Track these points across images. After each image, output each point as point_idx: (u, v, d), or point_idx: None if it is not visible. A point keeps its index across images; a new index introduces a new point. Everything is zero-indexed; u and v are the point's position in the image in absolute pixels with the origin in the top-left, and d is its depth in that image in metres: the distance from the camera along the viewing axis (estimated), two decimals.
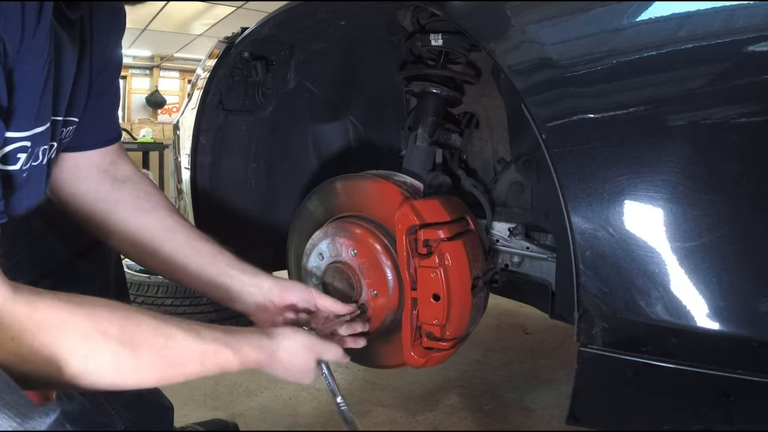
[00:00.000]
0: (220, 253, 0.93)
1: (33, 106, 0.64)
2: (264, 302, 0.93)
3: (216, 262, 0.92)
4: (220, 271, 0.92)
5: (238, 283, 0.93)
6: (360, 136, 1.64)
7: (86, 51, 0.80)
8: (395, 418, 1.53)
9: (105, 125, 0.92)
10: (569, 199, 0.77)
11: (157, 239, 0.91)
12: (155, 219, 0.92)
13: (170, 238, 0.92)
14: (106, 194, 0.91)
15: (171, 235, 0.92)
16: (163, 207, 0.95)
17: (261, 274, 0.95)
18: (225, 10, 6.31)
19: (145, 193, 0.94)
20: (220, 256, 0.93)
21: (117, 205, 0.91)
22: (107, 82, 0.89)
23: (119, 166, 0.94)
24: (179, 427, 1.33)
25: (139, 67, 9.92)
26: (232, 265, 0.93)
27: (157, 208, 0.94)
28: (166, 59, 9.61)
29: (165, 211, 0.94)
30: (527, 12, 0.82)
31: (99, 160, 0.91)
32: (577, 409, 0.80)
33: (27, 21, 0.57)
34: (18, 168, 0.66)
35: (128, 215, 0.91)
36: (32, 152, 0.67)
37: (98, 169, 0.91)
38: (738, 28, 0.69)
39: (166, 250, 0.91)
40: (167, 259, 0.91)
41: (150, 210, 0.93)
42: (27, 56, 0.59)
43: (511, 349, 2.06)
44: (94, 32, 0.81)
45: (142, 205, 0.93)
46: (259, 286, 0.93)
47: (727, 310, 0.71)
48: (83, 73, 0.80)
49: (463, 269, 1.02)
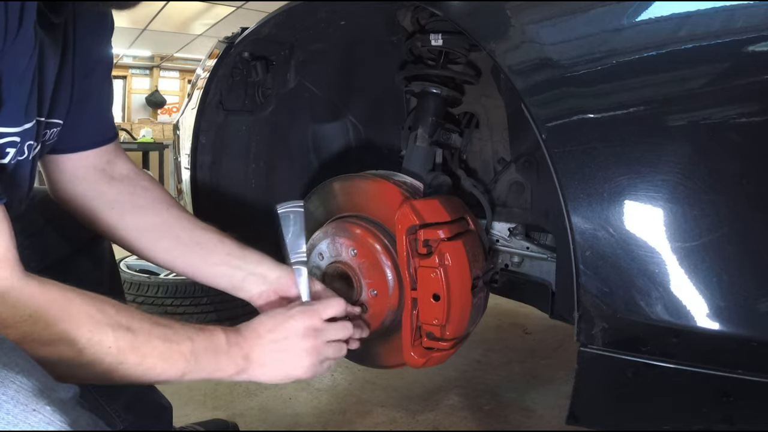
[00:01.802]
0: (221, 243, 0.93)
1: (22, 102, 0.66)
2: (267, 292, 0.92)
3: (217, 252, 0.92)
4: (220, 260, 0.91)
5: (240, 272, 0.92)
6: (360, 136, 1.64)
7: (68, 54, 0.80)
8: (395, 418, 1.53)
9: (98, 126, 0.92)
10: (569, 199, 0.77)
11: (156, 234, 0.91)
12: (152, 214, 0.92)
13: (168, 231, 0.92)
14: (104, 193, 0.91)
15: (169, 229, 0.92)
16: (161, 201, 0.95)
17: (266, 262, 0.93)
18: (225, 10, 6.31)
19: (141, 189, 0.94)
20: (221, 246, 0.92)
21: (114, 203, 0.91)
22: (96, 83, 0.89)
23: (116, 165, 0.94)
24: (179, 427, 1.33)
25: (139, 67, 9.92)
26: (234, 254, 0.92)
27: (155, 203, 0.94)
28: (166, 59, 9.61)
29: (162, 205, 0.94)
30: (527, 12, 0.82)
31: (95, 160, 0.92)
32: (577, 409, 0.80)
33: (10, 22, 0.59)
34: (6, 162, 0.69)
35: (125, 212, 0.92)
36: (20, 148, 0.69)
37: (95, 169, 0.92)
38: (738, 28, 0.69)
39: (165, 244, 0.91)
40: (167, 252, 0.92)
41: (147, 206, 0.93)
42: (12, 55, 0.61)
43: (511, 349, 2.06)
44: (78, 35, 0.82)
45: (138, 201, 0.93)
46: (263, 276, 0.92)
47: (727, 310, 0.71)
48: (65, 76, 0.81)
49: (463, 269, 1.02)
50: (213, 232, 0.94)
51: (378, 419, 1.52)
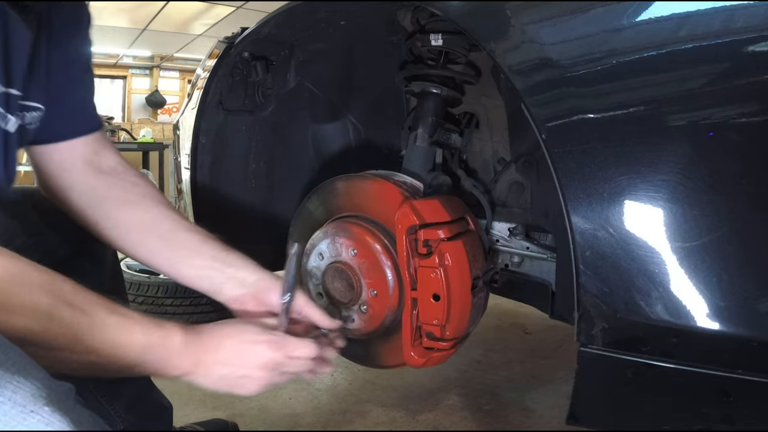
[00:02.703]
0: (206, 243, 0.91)
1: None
2: (244, 297, 0.90)
3: (201, 254, 0.90)
4: (203, 263, 0.90)
5: (221, 275, 0.90)
6: (360, 136, 1.64)
7: (42, 39, 0.81)
8: (395, 418, 1.53)
9: (82, 115, 0.92)
10: (569, 199, 0.77)
11: (143, 232, 0.91)
12: (142, 210, 0.92)
13: (155, 230, 0.91)
14: (93, 187, 0.91)
15: (156, 227, 0.91)
16: (150, 197, 0.94)
17: (249, 267, 0.91)
18: (225, 10, 6.31)
19: (131, 184, 0.93)
20: (206, 247, 0.91)
21: (102, 197, 0.91)
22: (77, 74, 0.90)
23: (103, 157, 0.94)
24: (179, 427, 1.33)
25: (139, 67, 9.91)
26: (218, 257, 0.91)
27: (144, 199, 0.93)
28: (166, 59, 9.59)
29: (151, 201, 0.93)
30: (527, 12, 0.82)
31: (83, 150, 0.91)
32: (577, 409, 0.80)
33: None
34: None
35: (113, 207, 0.91)
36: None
37: (83, 159, 0.91)
38: (738, 28, 0.69)
39: (151, 243, 0.90)
40: (152, 252, 0.91)
41: (135, 202, 0.92)
42: None
43: (511, 349, 2.06)
44: (54, 25, 0.83)
45: (127, 197, 0.92)
46: (241, 281, 0.90)
47: (727, 310, 0.71)
48: (39, 59, 0.81)
49: (463, 269, 1.02)
50: (198, 233, 0.93)
51: (378, 419, 1.52)
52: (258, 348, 0.77)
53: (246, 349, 0.77)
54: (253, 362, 0.76)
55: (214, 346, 0.75)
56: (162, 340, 0.70)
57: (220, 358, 0.75)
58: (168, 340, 0.71)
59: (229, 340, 0.76)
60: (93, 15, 0.92)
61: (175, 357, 0.71)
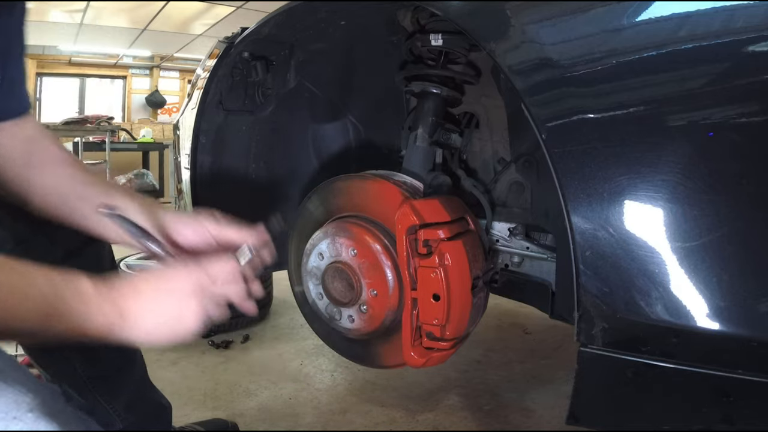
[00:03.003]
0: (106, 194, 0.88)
1: None
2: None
3: (110, 198, 0.86)
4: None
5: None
6: (360, 136, 1.64)
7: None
8: (395, 418, 1.53)
9: (18, 99, 0.92)
10: (569, 199, 0.77)
11: (64, 194, 0.89)
12: (60, 173, 0.90)
13: (73, 190, 0.89)
14: (19, 153, 0.89)
15: (74, 187, 0.89)
16: (62, 160, 0.92)
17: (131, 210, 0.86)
18: (225, 10, 6.31)
19: (45, 148, 0.91)
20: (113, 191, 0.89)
21: (29, 164, 0.89)
22: (12, 62, 0.89)
23: (25, 129, 0.92)
24: (179, 426, 1.33)
25: (139, 67, 9.91)
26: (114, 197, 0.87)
27: (61, 162, 0.91)
28: (166, 59, 9.59)
29: (66, 163, 0.91)
30: (527, 12, 0.82)
31: (17, 130, 0.90)
32: (577, 409, 0.80)
33: None
34: None
35: (39, 171, 0.89)
36: None
37: (19, 139, 0.90)
38: (738, 28, 0.69)
39: (71, 203, 0.89)
40: (76, 210, 0.89)
41: (51, 162, 0.90)
42: None
43: (511, 349, 2.06)
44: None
45: (47, 157, 0.90)
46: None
47: (727, 310, 0.71)
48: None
49: (463, 269, 1.02)
50: (102, 184, 0.91)
51: (378, 419, 1.53)
52: (178, 276, 0.72)
53: (167, 283, 0.71)
54: (180, 292, 0.70)
55: (132, 291, 0.68)
56: (67, 283, 0.63)
57: (144, 302, 0.68)
58: (74, 284, 0.63)
59: (146, 283, 0.70)
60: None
61: (93, 306, 0.63)
